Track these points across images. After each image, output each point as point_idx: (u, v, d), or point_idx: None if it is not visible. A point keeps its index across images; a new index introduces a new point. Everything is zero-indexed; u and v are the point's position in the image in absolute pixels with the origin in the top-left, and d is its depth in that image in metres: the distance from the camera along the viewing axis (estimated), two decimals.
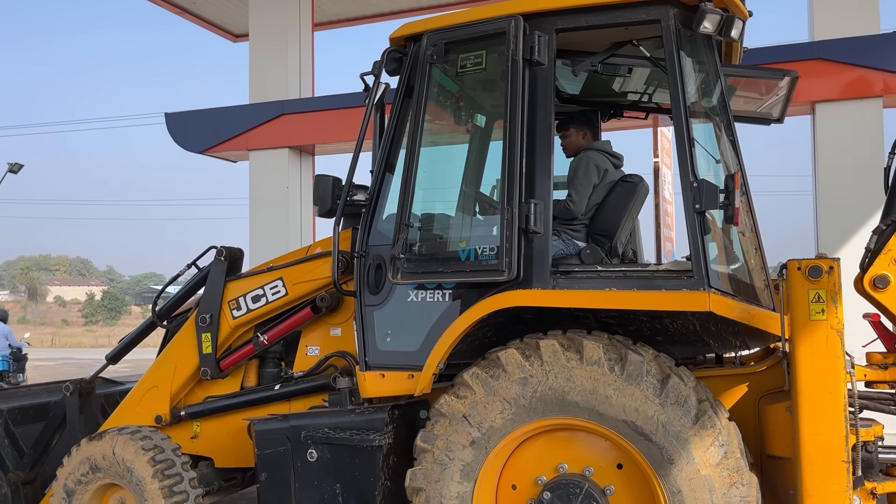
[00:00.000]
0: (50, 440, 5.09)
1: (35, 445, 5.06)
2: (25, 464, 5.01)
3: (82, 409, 5.06)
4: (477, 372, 3.54)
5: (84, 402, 5.08)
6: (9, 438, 5.05)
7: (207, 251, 4.94)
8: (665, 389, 3.28)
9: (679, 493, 3.23)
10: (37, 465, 5.04)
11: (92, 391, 5.18)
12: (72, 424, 5.03)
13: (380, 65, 4.10)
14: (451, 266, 3.76)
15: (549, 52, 3.73)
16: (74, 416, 5.03)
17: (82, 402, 5.06)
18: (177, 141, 11.99)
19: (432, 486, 3.57)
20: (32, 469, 5.03)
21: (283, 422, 4.08)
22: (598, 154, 4.46)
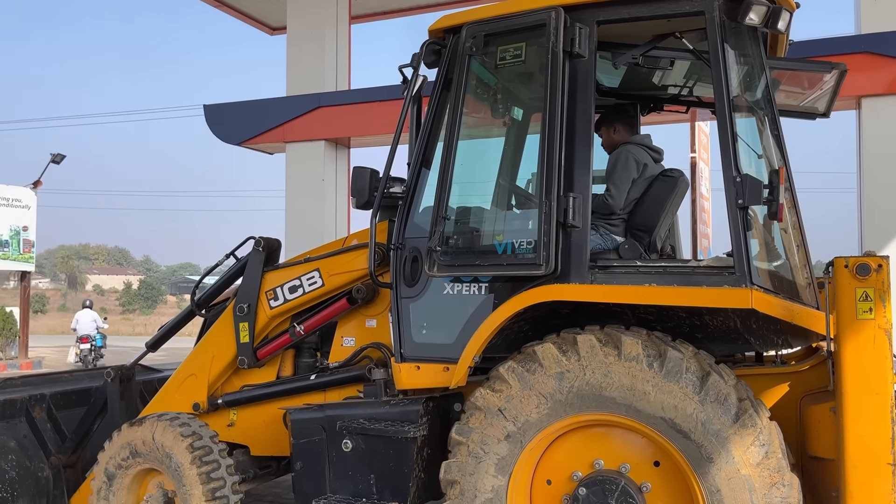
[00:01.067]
0: (91, 425, 5.20)
1: (76, 430, 5.17)
2: (67, 448, 5.11)
3: (123, 395, 5.15)
4: (513, 366, 3.52)
5: (124, 389, 5.18)
6: (51, 423, 5.16)
7: (245, 241, 4.99)
8: (705, 387, 3.23)
9: (718, 492, 3.18)
10: (78, 449, 5.15)
11: (132, 377, 5.27)
12: (112, 410, 5.13)
13: (418, 57, 4.09)
14: (488, 259, 3.74)
15: (589, 45, 3.68)
16: (115, 401, 5.12)
17: (123, 388, 5.16)
18: (215, 133, 12.12)
19: (467, 478, 3.57)
20: (74, 453, 5.13)
21: (319, 411, 4.11)
22: (637, 148, 4.40)
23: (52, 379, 5.59)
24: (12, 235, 20.21)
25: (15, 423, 4.99)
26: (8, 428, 4.95)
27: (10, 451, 4.88)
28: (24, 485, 4.85)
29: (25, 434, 5.02)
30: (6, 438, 4.90)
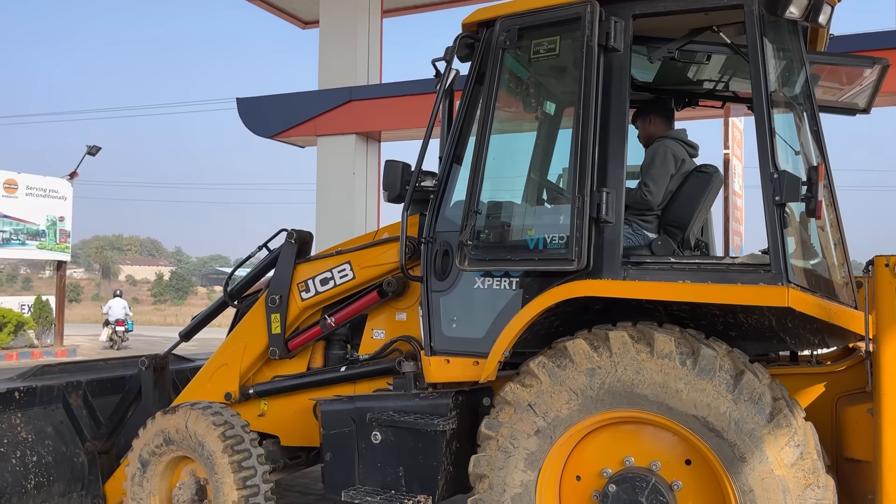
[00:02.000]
0: (125, 412, 5.28)
1: (111, 417, 5.25)
2: (102, 434, 5.20)
3: (156, 384, 5.23)
4: (543, 361, 3.51)
5: (158, 377, 5.25)
6: (87, 409, 5.26)
7: (278, 234, 5.03)
8: (738, 386, 3.18)
9: (751, 492, 3.14)
10: (112, 435, 5.24)
11: (165, 366, 5.34)
12: (146, 397, 5.21)
13: (452, 51, 4.08)
14: (519, 254, 3.73)
15: (625, 39, 3.65)
16: (149, 389, 5.20)
17: (156, 376, 5.23)
18: (248, 126, 12.23)
19: (496, 473, 3.56)
20: (108, 439, 5.22)
21: (349, 403, 4.14)
22: (674, 143, 4.36)
23: (87, 367, 5.69)
24: (49, 225, 20.59)
25: (52, 409, 5.09)
26: (45, 414, 5.04)
27: (48, 437, 4.98)
28: (60, 470, 4.94)
29: (62, 420, 5.12)
30: (43, 424, 5.00)
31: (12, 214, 19.79)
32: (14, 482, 4.65)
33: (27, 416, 4.92)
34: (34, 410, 4.98)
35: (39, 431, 4.94)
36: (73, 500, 5.03)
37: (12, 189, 19.79)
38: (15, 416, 4.85)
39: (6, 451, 4.69)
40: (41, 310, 20.45)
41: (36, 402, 5.01)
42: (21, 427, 4.85)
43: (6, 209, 19.66)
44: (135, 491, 4.50)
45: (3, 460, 4.64)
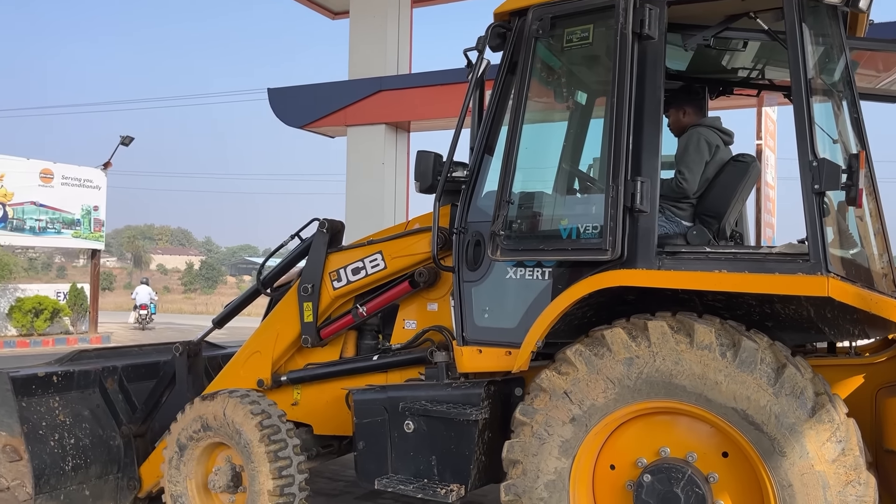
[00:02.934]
0: (160, 397, 5.37)
1: (146, 401, 5.35)
2: (137, 418, 5.30)
3: (190, 369, 5.31)
4: (580, 349, 3.50)
5: (192, 363, 5.33)
6: (122, 394, 5.36)
7: (310, 223, 5.06)
8: (780, 379, 3.14)
9: (790, 487, 3.10)
10: (147, 419, 5.33)
11: (199, 352, 5.42)
12: (180, 383, 5.29)
13: (484, 40, 4.06)
14: (553, 244, 3.71)
15: (659, 26, 3.61)
16: (183, 375, 5.28)
17: (190, 362, 5.31)
18: (278, 116, 12.30)
19: (530, 459, 3.56)
20: (143, 423, 5.32)
21: (381, 392, 4.16)
22: (708, 130, 4.31)
23: (123, 352, 5.80)
24: (84, 215, 20.93)
25: (89, 393, 5.20)
26: (83, 398, 5.15)
27: (85, 420, 5.08)
28: (96, 452, 5.04)
29: (98, 404, 5.23)
30: (81, 407, 5.10)
31: (48, 203, 20.15)
32: (52, 464, 4.75)
33: (65, 400, 5.02)
34: (72, 394, 5.08)
35: (77, 415, 5.05)
36: (110, 483, 5.13)
37: (48, 179, 20.13)
38: (53, 399, 4.96)
39: (45, 434, 4.79)
40: (76, 297, 20.82)
41: (73, 386, 5.11)
42: (59, 410, 4.95)
43: (42, 198, 20.02)
44: (171, 474, 4.57)
45: (42, 442, 4.75)
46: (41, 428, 4.80)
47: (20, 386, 4.77)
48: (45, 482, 4.69)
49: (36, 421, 4.79)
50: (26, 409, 4.77)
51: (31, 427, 4.74)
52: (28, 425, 4.72)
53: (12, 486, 4.70)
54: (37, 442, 4.72)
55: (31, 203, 19.83)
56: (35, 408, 4.83)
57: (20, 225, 19.70)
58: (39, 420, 4.81)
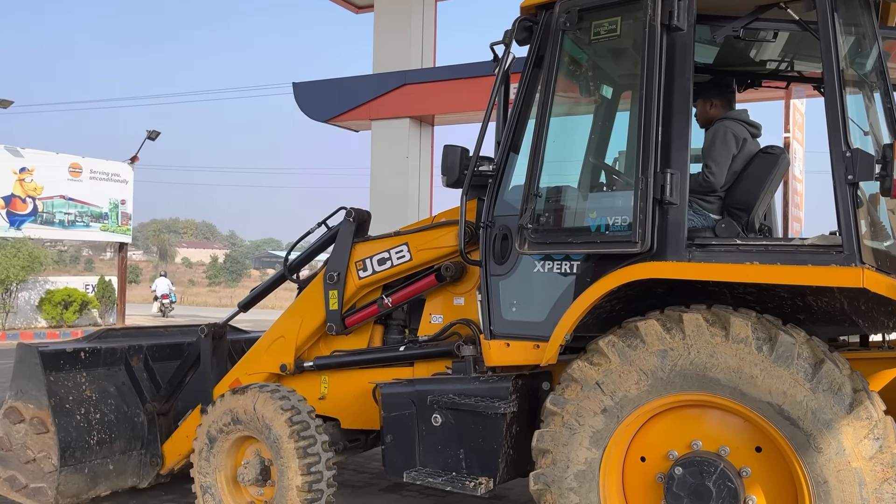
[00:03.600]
0: (184, 377, 5.45)
1: (170, 380, 5.42)
2: (161, 397, 5.38)
3: (214, 351, 5.37)
4: (613, 340, 3.48)
5: (216, 345, 5.39)
6: (147, 373, 5.45)
7: (337, 211, 5.09)
8: (817, 375, 3.11)
9: (825, 483, 3.07)
10: (171, 398, 5.42)
11: (224, 335, 5.48)
12: (204, 364, 5.36)
13: (510, 34, 4.06)
14: (581, 237, 3.71)
15: (688, 17, 3.57)
16: (207, 356, 5.35)
17: (214, 344, 5.37)
18: (303, 110, 12.33)
19: (559, 449, 3.57)
20: (167, 402, 5.41)
21: (409, 386, 4.18)
22: (735, 123, 4.27)
23: (149, 332, 5.88)
24: (111, 208, 21.20)
25: (115, 370, 5.29)
26: (109, 374, 5.24)
27: (110, 396, 5.16)
28: (121, 428, 5.13)
29: (124, 381, 5.32)
30: (107, 384, 5.19)
31: (77, 197, 20.44)
32: (78, 437, 4.83)
33: (92, 376, 5.11)
34: (98, 371, 5.17)
35: (103, 391, 5.13)
36: (133, 458, 5.21)
37: (77, 173, 20.41)
38: (80, 374, 5.04)
39: (71, 408, 4.87)
40: (104, 290, 21.14)
41: (100, 362, 5.20)
42: (86, 386, 5.04)
43: (71, 192, 20.31)
44: (201, 465, 4.63)
45: (68, 416, 4.82)
46: (68, 402, 4.87)
47: (48, 360, 4.85)
48: (71, 455, 4.77)
49: (63, 395, 4.87)
50: (54, 382, 4.84)
51: (58, 401, 4.82)
52: (55, 399, 4.80)
53: (38, 458, 4.79)
54: (63, 415, 4.80)
55: (61, 197, 20.12)
56: (62, 382, 4.91)
57: (50, 218, 20.00)
58: (66, 394, 4.89)
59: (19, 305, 19.86)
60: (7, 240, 19.39)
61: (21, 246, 19.29)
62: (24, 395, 4.85)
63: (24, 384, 4.87)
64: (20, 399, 4.87)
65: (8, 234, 19.28)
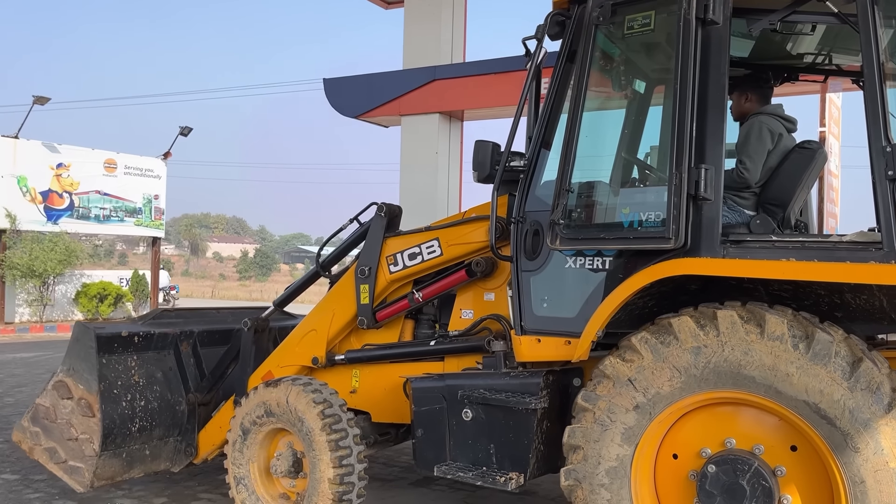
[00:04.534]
0: (226, 369, 5.48)
1: (213, 371, 5.47)
2: (204, 387, 5.42)
3: (255, 344, 5.40)
4: (646, 337, 3.46)
5: (257, 338, 5.42)
6: (194, 358, 5.47)
7: (368, 207, 5.12)
8: (855, 373, 3.05)
9: (862, 483, 3.02)
10: (212, 389, 5.45)
11: (266, 329, 5.49)
12: (244, 357, 5.39)
13: (543, 29, 4.03)
14: (613, 232, 3.68)
15: (724, 11, 3.53)
16: (248, 349, 5.38)
17: (256, 337, 5.40)
18: (333, 105, 12.41)
19: (591, 445, 3.55)
20: (209, 393, 5.44)
21: (440, 381, 4.19)
22: (770, 118, 4.21)
23: (201, 314, 5.90)
24: (145, 203, 21.53)
25: (164, 354, 5.31)
26: (158, 358, 5.26)
27: (156, 383, 5.18)
28: (162, 416, 5.16)
29: (171, 367, 5.33)
30: (154, 369, 5.20)
31: (112, 192, 20.80)
32: (121, 424, 4.88)
33: (142, 360, 5.13)
34: (148, 354, 5.19)
35: (150, 376, 5.15)
36: (169, 445, 5.27)
37: (112, 168, 20.75)
38: (131, 357, 5.06)
39: (119, 394, 4.90)
40: (138, 283, 21.49)
41: (151, 346, 5.21)
42: (135, 370, 5.06)
43: (106, 187, 20.67)
44: (235, 456, 4.68)
45: (115, 402, 4.86)
46: (116, 387, 4.90)
47: (103, 343, 4.87)
48: (112, 441, 4.83)
49: (112, 379, 4.89)
50: (105, 365, 4.86)
51: (107, 385, 4.84)
52: (105, 383, 4.82)
53: (80, 439, 4.85)
54: (110, 401, 4.83)
55: (96, 192, 20.49)
56: (114, 365, 4.93)
57: (85, 213, 20.37)
58: (116, 379, 4.91)
59: (56, 298, 20.27)
60: (44, 234, 19.79)
61: (58, 240, 19.68)
62: (76, 374, 4.89)
63: (77, 363, 4.90)
64: (71, 376, 4.91)
65: (45, 228, 19.67)
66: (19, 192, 18.96)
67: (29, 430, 5.12)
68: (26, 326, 18.86)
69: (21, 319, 19.61)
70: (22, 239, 19.57)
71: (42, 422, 5.04)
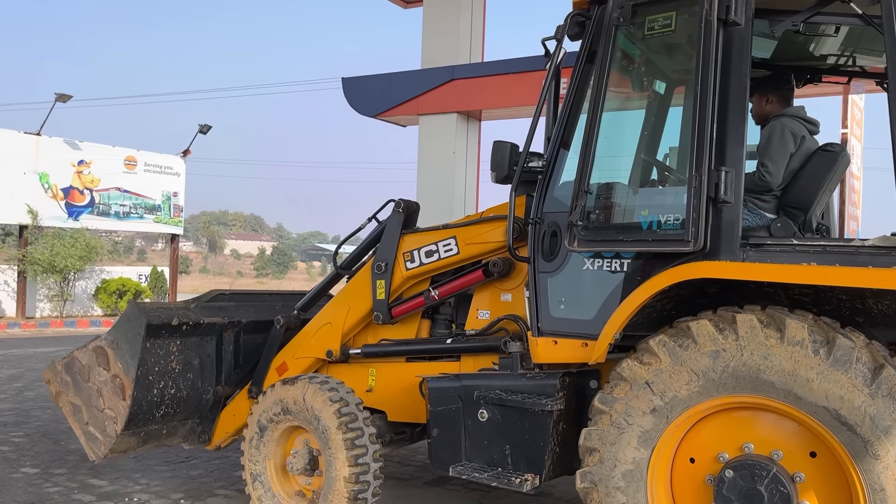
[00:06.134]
0: (257, 363, 5.47)
1: (242, 366, 5.46)
2: (233, 380, 5.42)
3: (283, 344, 5.39)
4: (664, 340, 3.43)
5: (286, 337, 5.40)
6: (234, 345, 5.43)
7: (386, 204, 5.12)
8: (877, 380, 3.01)
9: (882, 491, 2.98)
10: (241, 383, 5.46)
11: (298, 327, 5.43)
12: (268, 351, 5.39)
13: (563, 29, 4.01)
14: (632, 235, 3.66)
15: (746, 12, 3.50)
16: (274, 344, 5.39)
17: (285, 336, 5.39)
18: (352, 105, 12.44)
19: (607, 448, 3.54)
20: (238, 386, 5.45)
21: (456, 381, 4.19)
22: (792, 120, 4.16)
23: (254, 298, 5.82)
24: (164, 200, 21.68)
25: (207, 340, 5.26)
26: (200, 344, 5.20)
27: (191, 370, 5.13)
28: (188, 403, 5.15)
29: (210, 354, 5.28)
30: (193, 355, 5.15)
31: (132, 189, 20.98)
32: (147, 411, 4.88)
33: (184, 345, 5.08)
34: (192, 340, 5.14)
35: (187, 363, 5.10)
36: (186, 426, 5.30)
37: (132, 165, 20.92)
38: (174, 343, 5.01)
39: (153, 381, 4.87)
40: (157, 280, 21.65)
41: (196, 333, 5.17)
42: (174, 356, 5.01)
43: (126, 184, 20.86)
44: (251, 453, 4.70)
45: (147, 390, 4.84)
46: (152, 373, 4.86)
47: (152, 331, 4.83)
48: (134, 425, 4.86)
49: (150, 366, 4.85)
50: (148, 350, 4.82)
51: (144, 372, 4.80)
52: (142, 369, 4.79)
53: (105, 413, 4.87)
54: (143, 388, 4.81)
55: (116, 189, 20.68)
56: (155, 350, 4.89)
57: (106, 210, 20.56)
58: (154, 365, 4.87)
59: (76, 294, 20.48)
60: (65, 230, 20.00)
61: (78, 236, 19.88)
62: (118, 350, 4.86)
63: (122, 341, 4.86)
64: (113, 350, 4.88)
65: (66, 224, 19.87)
66: (41, 189, 19.17)
67: (61, 377, 5.15)
68: (47, 321, 19.08)
69: (42, 314, 19.84)
70: (43, 235, 19.80)
71: (75, 375, 5.06)
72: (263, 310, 5.62)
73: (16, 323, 18.38)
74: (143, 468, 6.19)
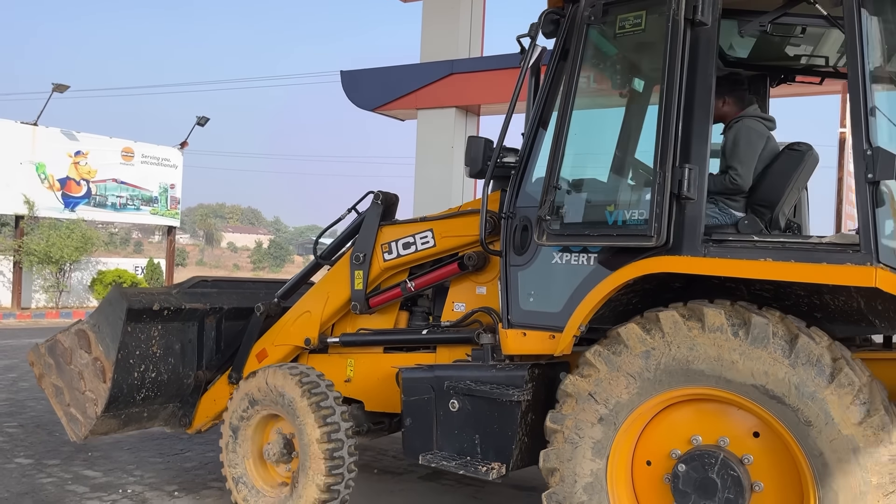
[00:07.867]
0: (237, 349, 5.54)
1: (224, 352, 5.54)
2: (213, 365, 5.50)
3: (263, 327, 5.46)
4: (599, 350, 3.55)
5: (265, 325, 5.48)
6: (216, 332, 5.51)
7: (366, 196, 5.19)
8: (794, 349, 3.12)
9: (821, 455, 3.06)
10: (221, 369, 5.53)
11: (278, 315, 5.50)
12: (248, 338, 5.47)
13: (536, 27, 4.07)
14: (598, 230, 3.72)
15: (713, 12, 3.56)
16: (254, 332, 5.46)
17: (264, 324, 5.47)
18: (351, 98, 12.43)
19: (565, 465, 3.61)
20: (219, 371, 5.52)
21: (429, 372, 4.26)
22: (755, 121, 4.21)
23: (236, 285, 5.89)
24: (161, 192, 21.74)
25: (188, 325, 5.33)
26: (181, 329, 5.28)
27: (172, 355, 5.21)
28: (169, 387, 5.23)
29: (191, 339, 5.37)
30: (174, 340, 5.22)
31: (128, 181, 21.03)
32: (128, 393, 4.96)
33: (165, 330, 5.15)
34: (173, 325, 5.21)
35: (168, 348, 5.17)
36: (168, 410, 5.39)
37: (129, 157, 20.98)
38: (156, 328, 5.08)
39: (133, 364, 4.94)
40: (153, 272, 21.72)
41: (178, 318, 5.24)
42: (155, 340, 5.08)
43: (123, 176, 20.91)
44: (230, 458, 4.75)
45: (127, 373, 4.92)
46: (133, 356, 4.93)
47: (133, 315, 4.89)
48: (114, 407, 4.93)
49: (132, 349, 4.92)
50: (129, 333, 4.89)
51: (125, 355, 4.88)
52: (123, 353, 4.86)
53: (86, 395, 4.95)
54: (123, 371, 4.88)
55: (113, 180, 20.74)
56: (137, 334, 4.95)
57: (102, 201, 20.62)
58: (135, 348, 4.94)
59: (72, 285, 20.55)
60: (62, 221, 20.06)
61: (75, 227, 19.94)
62: (99, 334, 4.93)
63: (103, 325, 4.93)
64: (95, 333, 4.95)
65: (62, 215, 19.93)
66: (37, 179, 19.23)
67: (44, 359, 5.24)
68: (42, 312, 19.16)
69: (37, 305, 19.91)
70: (39, 225, 19.87)
71: (58, 358, 5.14)
72: (245, 297, 5.67)
73: (11, 313, 18.45)
74: (137, 460, 6.23)
